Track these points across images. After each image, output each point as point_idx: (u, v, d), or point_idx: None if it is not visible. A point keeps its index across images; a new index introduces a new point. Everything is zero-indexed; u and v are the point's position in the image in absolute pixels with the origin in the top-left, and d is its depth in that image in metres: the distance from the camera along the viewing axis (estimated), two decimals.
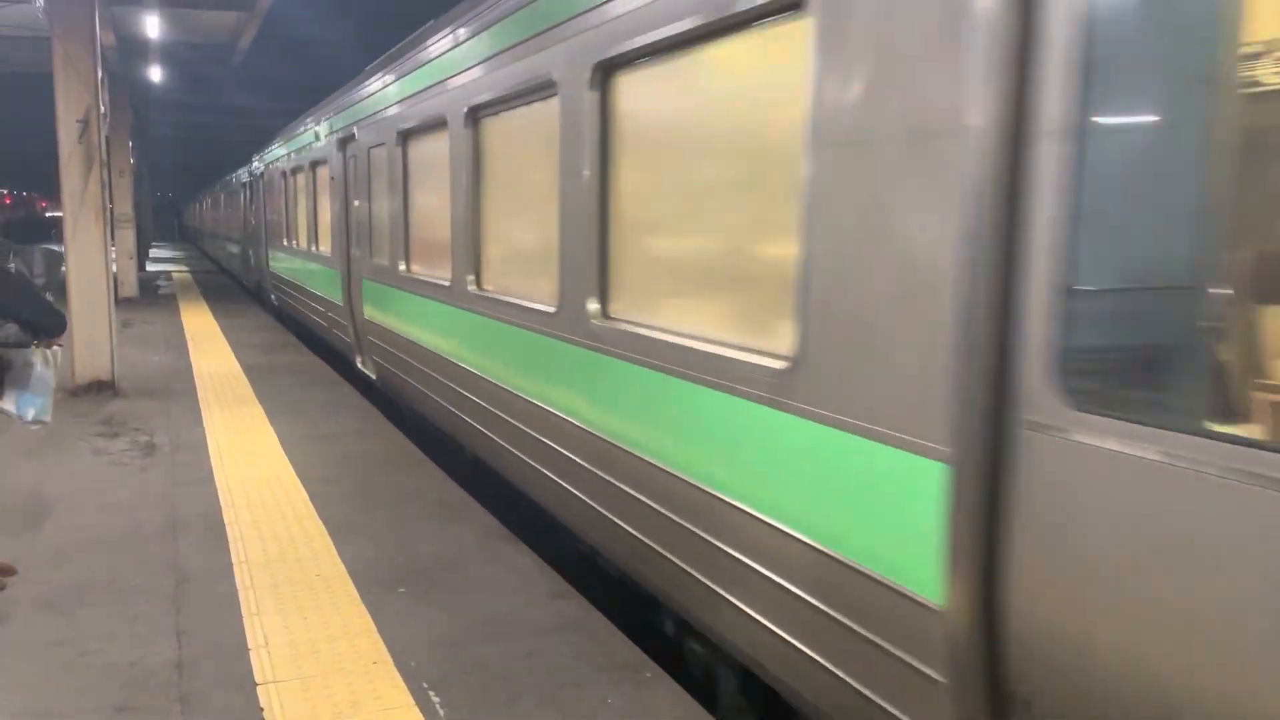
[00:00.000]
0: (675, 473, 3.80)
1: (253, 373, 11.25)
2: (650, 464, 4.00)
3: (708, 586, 3.61)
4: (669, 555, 3.87)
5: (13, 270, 4.85)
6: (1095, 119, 2.16)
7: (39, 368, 4.83)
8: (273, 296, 18.40)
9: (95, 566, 5.14)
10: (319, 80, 21.60)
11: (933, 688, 2.54)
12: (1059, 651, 2.22)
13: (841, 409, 2.86)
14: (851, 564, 2.83)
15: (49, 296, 5.07)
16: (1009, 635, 2.33)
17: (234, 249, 27.47)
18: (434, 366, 7.33)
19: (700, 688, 4.18)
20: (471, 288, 6.34)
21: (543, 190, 5.11)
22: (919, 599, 2.57)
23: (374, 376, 9.74)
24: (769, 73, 3.30)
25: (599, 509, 4.52)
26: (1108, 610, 2.11)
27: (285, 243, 15.81)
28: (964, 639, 2.40)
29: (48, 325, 4.88)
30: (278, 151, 16.63)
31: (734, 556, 3.42)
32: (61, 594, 4.77)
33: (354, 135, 9.96)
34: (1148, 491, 2.03)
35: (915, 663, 2.61)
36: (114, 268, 11.40)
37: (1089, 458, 2.13)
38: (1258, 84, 2.00)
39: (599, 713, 3.70)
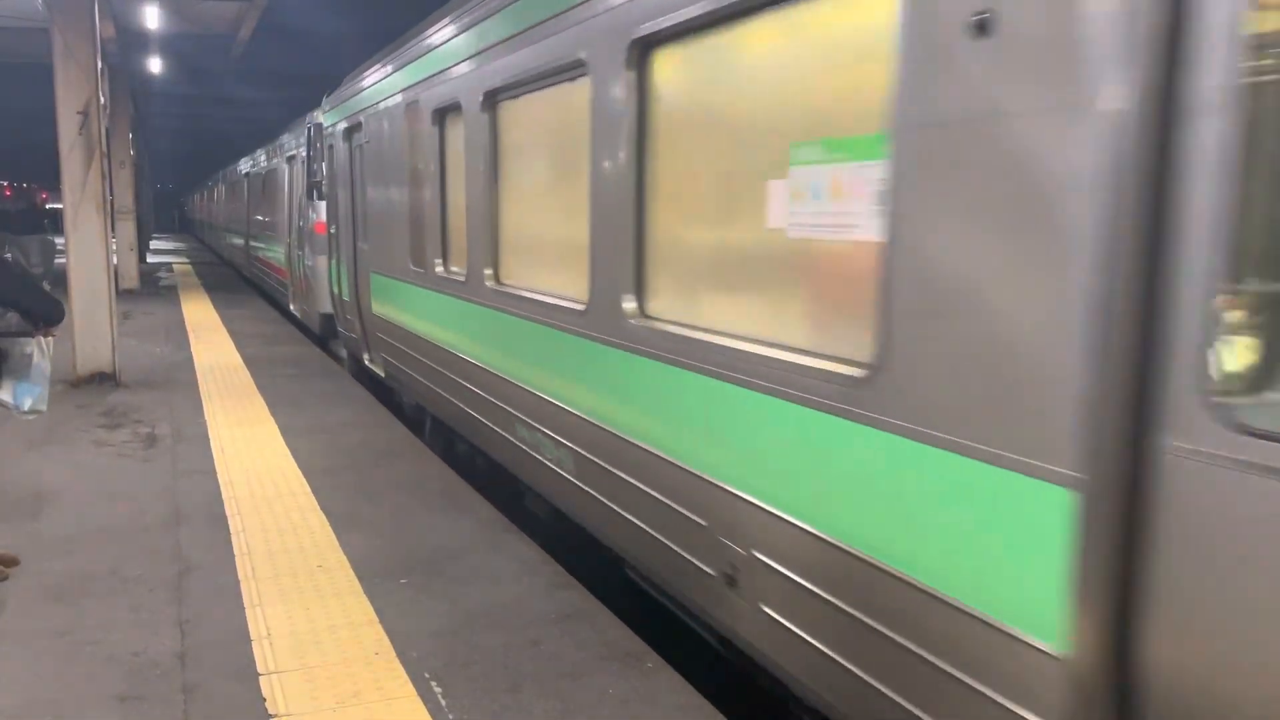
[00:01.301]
0: None
1: (254, 364, 11.25)
2: None
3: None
4: None
5: (9, 259, 4.84)
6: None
7: (37, 357, 4.83)
8: (376, 366, 9.64)
9: (97, 557, 5.14)
10: (320, 71, 21.55)
11: None
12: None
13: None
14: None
15: (46, 284, 5.07)
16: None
17: (269, 253, 18.91)
18: None
19: (702, 678, 4.18)
20: None
21: None
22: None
23: None
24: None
25: None
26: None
27: (441, 271, 7.09)
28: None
29: (47, 313, 4.88)
30: (416, 71, 7.48)
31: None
32: (64, 584, 4.78)
33: None
34: None
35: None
36: (114, 259, 11.38)
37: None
38: None
39: (601, 702, 3.71)
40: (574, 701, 3.71)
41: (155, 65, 20.02)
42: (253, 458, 7.14)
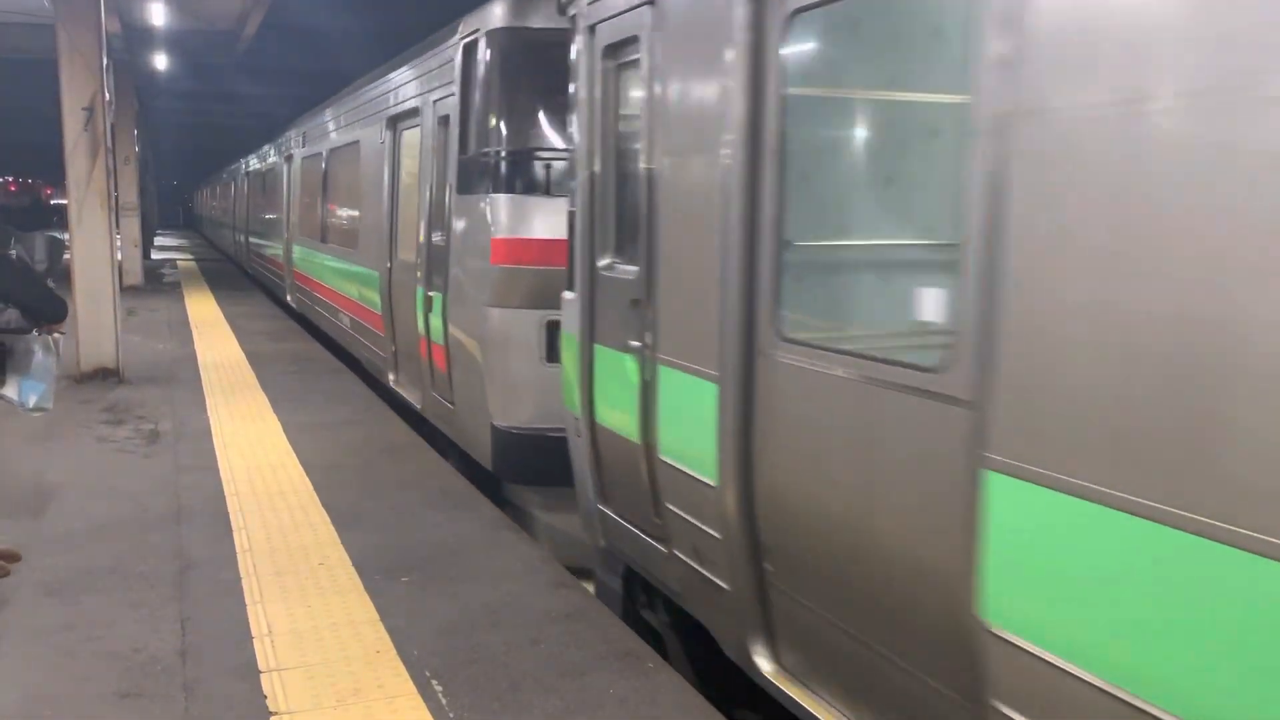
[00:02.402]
0: None
1: (256, 360, 11.26)
2: None
3: None
4: None
5: (13, 256, 4.83)
6: None
7: (40, 355, 4.83)
8: None
9: (99, 553, 5.14)
10: (325, 68, 21.53)
11: None
12: None
13: None
14: None
15: (50, 283, 5.06)
16: None
17: (339, 283, 11.52)
18: None
19: (703, 679, 4.18)
20: None
21: None
22: None
23: None
24: None
25: None
26: None
27: None
28: None
29: (49, 311, 4.87)
30: None
31: None
32: (65, 580, 4.78)
33: None
34: None
35: None
36: (119, 255, 11.43)
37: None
38: None
39: (601, 702, 3.70)
40: (574, 700, 3.70)
41: (160, 61, 20.01)
42: (255, 454, 7.15)
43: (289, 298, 16.06)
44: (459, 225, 6.67)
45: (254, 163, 22.04)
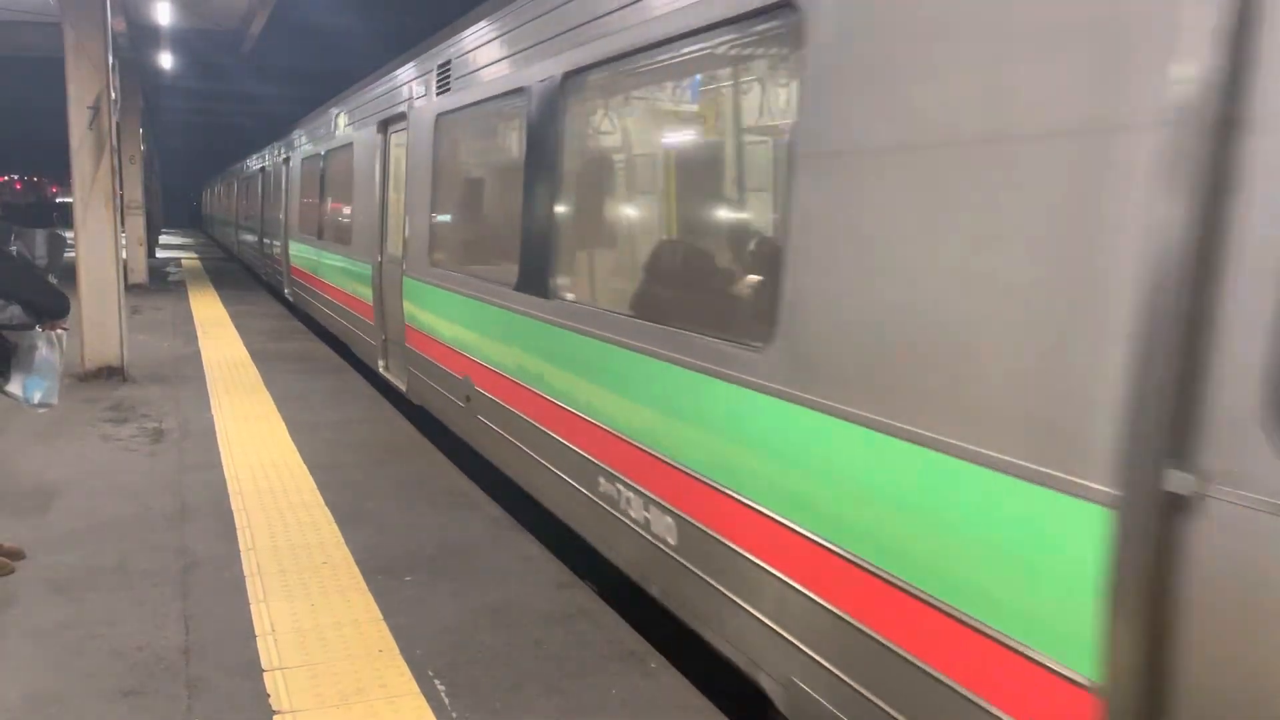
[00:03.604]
0: None
1: (261, 359, 11.27)
2: None
3: None
4: None
5: (14, 253, 4.84)
6: None
7: (44, 351, 4.83)
8: None
9: (103, 551, 5.15)
10: (330, 68, 21.58)
11: None
12: None
13: None
14: None
15: (54, 279, 5.07)
16: None
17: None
18: None
19: (704, 679, 4.17)
20: None
21: None
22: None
23: None
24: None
25: None
26: None
27: None
28: None
29: (51, 307, 4.87)
30: None
31: None
32: (69, 578, 4.78)
33: None
34: None
35: None
36: (124, 254, 11.42)
37: None
38: None
39: (603, 702, 3.70)
40: (577, 701, 3.70)
41: (166, 60, 20.04)
42: (259, 453, 7.15)
43: (386, 369, 9.51)
44: None
45: (294, 147, 16.72)
